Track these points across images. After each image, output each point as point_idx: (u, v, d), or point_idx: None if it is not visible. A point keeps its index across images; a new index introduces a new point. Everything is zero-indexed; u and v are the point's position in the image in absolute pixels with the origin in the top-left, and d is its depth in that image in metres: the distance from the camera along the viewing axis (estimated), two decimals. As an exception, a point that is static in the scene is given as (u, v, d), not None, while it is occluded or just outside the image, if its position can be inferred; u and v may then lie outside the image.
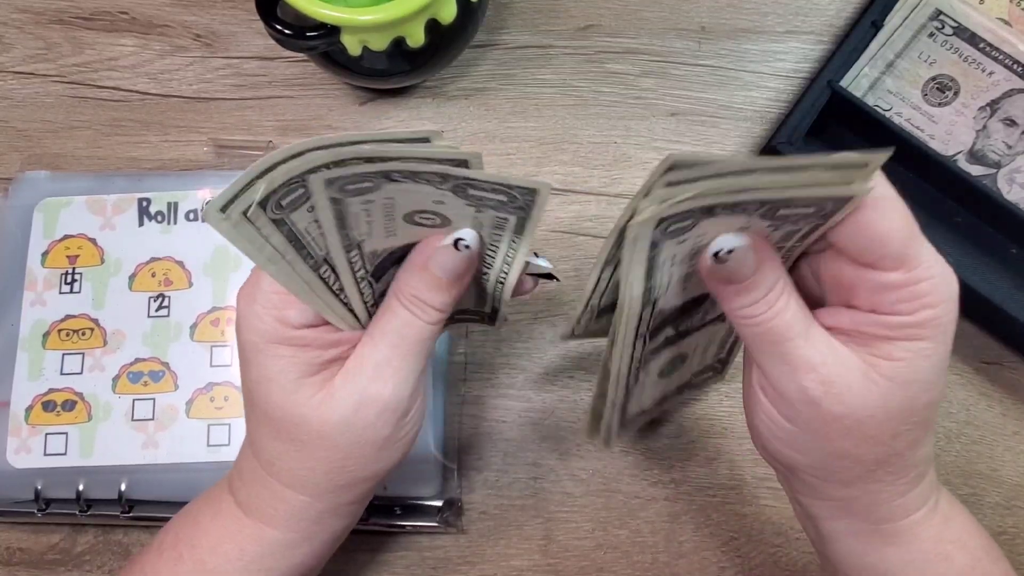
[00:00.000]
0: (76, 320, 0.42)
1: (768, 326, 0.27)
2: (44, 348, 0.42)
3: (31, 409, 0.41)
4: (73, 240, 0.43)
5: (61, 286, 0.42)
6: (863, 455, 0.28)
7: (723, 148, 0.46)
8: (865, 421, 0.27)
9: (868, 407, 0.27)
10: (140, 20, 0.47)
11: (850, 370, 0.27)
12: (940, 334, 0.27)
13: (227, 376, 0.41)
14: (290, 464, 0.30)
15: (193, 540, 0.32)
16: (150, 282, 0.42)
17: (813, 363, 0.27)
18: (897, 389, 0.27)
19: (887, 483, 0.29)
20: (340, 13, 0.37)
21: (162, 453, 0.40)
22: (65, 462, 0.40)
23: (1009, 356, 0.44)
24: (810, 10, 0.47)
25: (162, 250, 0.43)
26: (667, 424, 0.43)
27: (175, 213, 0.43)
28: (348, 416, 0.29)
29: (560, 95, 0.47)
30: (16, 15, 0.47)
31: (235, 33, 0.47)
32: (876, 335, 0.27)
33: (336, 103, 0.47)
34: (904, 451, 0.28)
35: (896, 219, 0.26)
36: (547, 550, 0.41)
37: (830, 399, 0.27)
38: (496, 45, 0.47)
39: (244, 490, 0.31)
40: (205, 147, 0.46)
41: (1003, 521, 0.42)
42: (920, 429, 0.28)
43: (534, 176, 0.26)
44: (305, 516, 0.31)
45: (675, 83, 0.47)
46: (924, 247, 0.26)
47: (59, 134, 0.46)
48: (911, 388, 0.27)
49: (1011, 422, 0.43)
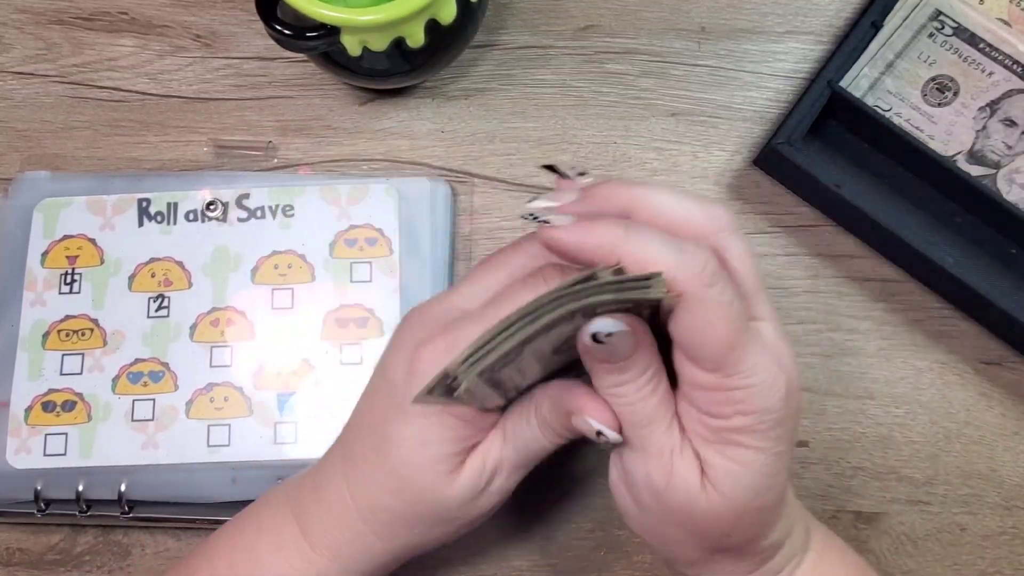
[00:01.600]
0: (76, 320, 0.42)
1: (633, 408, 0.27)
2: (44, 348, 0.42)
3: (31, 409, 0.41)
4: (73, 240, 0.43)
5: (61, 286, 0.42)
6: (701, 544, 0.29)
7: (723, 148, 0.46)
8: (697, 519, 0.28)
9: (698, 508, 0.27)
10: (140, 20, 0.47)
11: (691, 469, 0.27)
12: (760, 441, 0.27)
13: (227, 376, 0.41)
14: (394, 521, 0.31)
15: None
16: (150, 282, 0.42)
17: (663, 453, 0.27)
18: (720, 498, 0.27)
19: (729, 565, 0.30)
20: (340, 13, 0.37)
21: (162, 453, 0.40)
22: (65, 462, 0.40)
23: (1009, 356, 0.44)
24: (810, 10, 0.47)
25: (162, 250, 0.43)
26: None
27: (175, 213, 0.43)
28: (467, 498, 0.30)
29: (560, 95, 0.47)
30: (16, 15, 0.47)
31: (235, 33, 0.47)
32: (699, 434, 0.27)
33: (336, 103, 0.47)
34: (742, 545, 0.29)
35: (715, 324, 0.25)
36: (547, 550, 0.41)
37: (669, 492, 0.27)
38: (496, 45, 0.47)
39: (321, 524, 0.32)
40: (205, 147, 0.46)
41: (1003, 521, 0.42)
42: (756, 528, 0.29)
43: (645, 283, 0.25)
44: (382, 561, 0.32)
45: (675, 83, 0.47)
46: (750, 353, 0.26)
47: (59, 134, 0.46)
48: (735, 497, 0.27)
49: (1011, 422, 0.43)
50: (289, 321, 0.42)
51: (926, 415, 0.43)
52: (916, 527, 0.43)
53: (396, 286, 0.42)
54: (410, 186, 0.44)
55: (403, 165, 0.46)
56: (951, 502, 0.43)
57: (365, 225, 0.43)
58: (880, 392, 0.44)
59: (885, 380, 0.44)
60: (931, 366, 0.44)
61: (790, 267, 0.45)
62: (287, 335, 0.42)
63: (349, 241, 0.43)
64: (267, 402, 0.41)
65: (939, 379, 0.44)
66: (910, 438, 0.43)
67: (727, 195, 0.45)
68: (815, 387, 0.44)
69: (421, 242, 0.43)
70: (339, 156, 0.46)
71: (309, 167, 0.46)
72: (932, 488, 0.43)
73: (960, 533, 0.42)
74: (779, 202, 0.45)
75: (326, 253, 0.43)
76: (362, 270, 0.42)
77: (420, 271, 0.43)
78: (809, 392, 0.44)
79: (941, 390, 0.44)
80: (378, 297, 0.42)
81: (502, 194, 0.45)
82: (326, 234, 0.43)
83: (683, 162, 0.46)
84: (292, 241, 0.43)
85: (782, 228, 0.45)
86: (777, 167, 0.45)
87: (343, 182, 0.44)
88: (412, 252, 0.43)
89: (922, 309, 0.44)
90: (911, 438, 0.43)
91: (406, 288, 0.42)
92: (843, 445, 0.43)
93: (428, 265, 0.43)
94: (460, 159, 0.46)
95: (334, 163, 0.46)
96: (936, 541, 0.42)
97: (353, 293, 0.42)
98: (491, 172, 0.46)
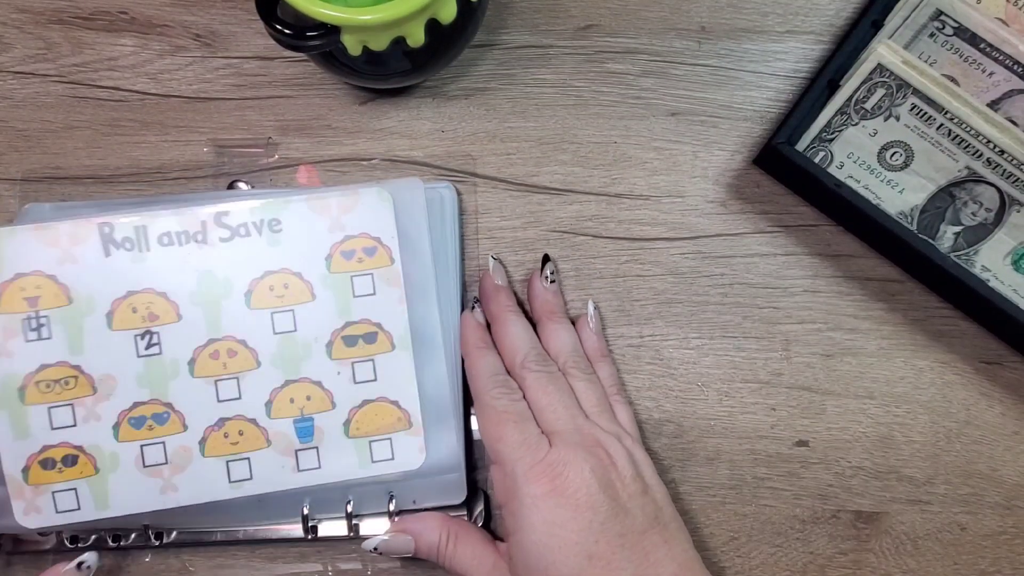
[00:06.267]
0: (54, 369, 0.38)
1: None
2: (24, 403, 0.38)
3: (28, 470, 0.38)
4: (28, 279, 0.38)
5: (26, 333, 0.38)
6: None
7: (723, 148, 0.46)
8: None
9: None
10: (140, 20, 0.47)
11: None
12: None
13: (237, 409, 0.39)
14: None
15: None
16: (132, 318, 0.39)
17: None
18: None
19: None
20: (340, 13, 0.37)
21: (183, 496, 0.39)
22: (80, 517, 0.38)
23: (1009, 356, 0.44)
24: (810, 10, 0.47)
25: (138, 282, 0.39)
26: (667, 424, 0.44)
27: (145, 238, 0.39)
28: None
29: (560, 95, 0.47)
30: (15, 15, 0.47)
31: (235, 33, 0.47)
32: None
33: (336, 103, 0.47)
34: None
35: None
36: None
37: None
38: (496, 45, 0.47)
39: None
40: (205, 147, 0.46)
41: (1003, 521, 0.42)
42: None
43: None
44: None
45: (675, 83, 0.47)
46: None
47: (58, 134, 0.46)
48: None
49: (1011, 422, 0.43)
50: (294, 344, 0.40)
51: (926, 415, 0.43)
52: (916, 526, 0.43)
53: (401, 295, 0.41)
54: (402, 188, 0.42)
55: (403, 165, 0.46)
56: (951, 501, 0.43)
57: (361, 235, 0.41)
58: (880, 392, 0.44)
59: (885, 380, 0.44)
60: (931, 366, 0.44)
61: (790, 267, 0.45)
62: (294, 359, 0.40)
63: (346, 253, 0.41)
64: (284, 430, 0.40)
65: (939, 379, 0.44)
66: (910, 438, 0.43)
67: (727, 194, 0.45)
68: (815, 387, 0.44)
69: (421, 246, 0.42)
70: (339, 156, 0.46)
71: (311, 165, 0.46)
72: (932, 488, 0.43)
73: (960, 532, 0.42)
74: (779, 202, 0.45)
75: (323, 268, 0.40)
76: (364, 283, 0.41)
77: (424, 277, 0.42)
78: (809, 392, 0.44)
79: (941, 390, 0.44)
80: (384, 310, 0.41)
81: (502, 193, 0.45)
82: (320, 248, 0.40)
83: (683, 161, 0.46)
84: (285, 259, 0.40)
85: (782, 228, 0.45)
86: (777, 167, 0.45)
87: (332, 192, 0.41)
88: (413, 258, 0.41)
89: (922, 309, 0.44)
90: (911, 438, 0.43)
91: (412, 297, 0.41)
92: (843, 445, 0.43)
93: (431, 270, 0.42)
94: (460, 159, 0.46)
95: (334, 163, 0.46)
96: (936, 540, 0.42)
97: (358, 308, 0.40)
98: (491, 172, 0.46)
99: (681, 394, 0.44)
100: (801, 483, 0.43)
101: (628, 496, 0.37)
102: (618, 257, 0.45)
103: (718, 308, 0.44)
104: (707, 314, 0.44)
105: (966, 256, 0.43)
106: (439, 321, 0.42)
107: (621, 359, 0.44)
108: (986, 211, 0.42)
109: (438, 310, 0.42)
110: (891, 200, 0.43)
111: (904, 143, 0.42)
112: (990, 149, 0.41)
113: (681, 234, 0.45)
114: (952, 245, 0.43)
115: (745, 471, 0.43)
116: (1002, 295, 0.41)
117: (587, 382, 0.41)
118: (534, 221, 0.45)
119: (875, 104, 0.42)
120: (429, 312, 0.41)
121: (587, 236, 0.45)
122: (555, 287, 0.43)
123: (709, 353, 0.44)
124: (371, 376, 0.40)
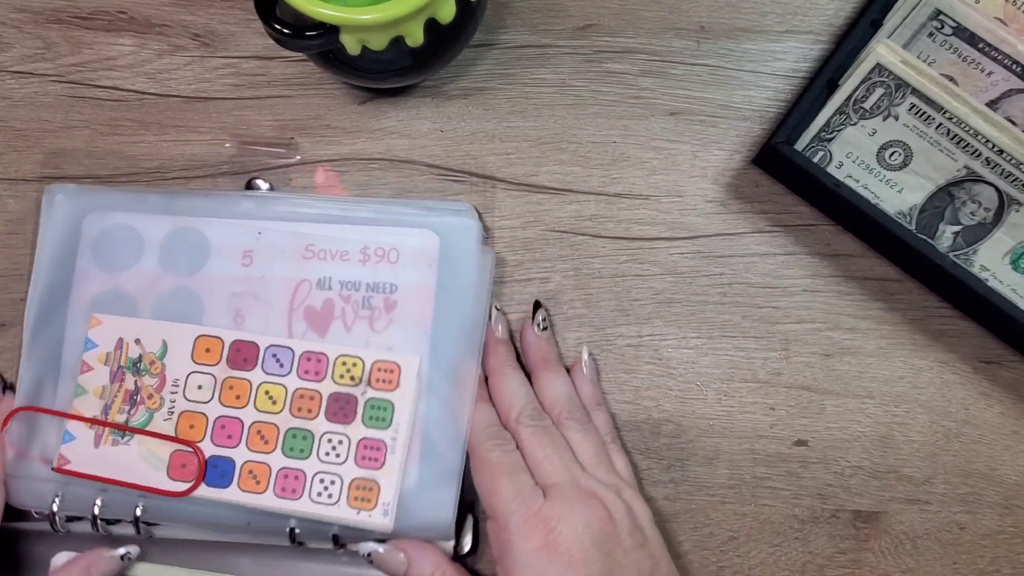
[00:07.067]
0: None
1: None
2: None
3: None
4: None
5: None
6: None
7: (722, 147, 0.46)
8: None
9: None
10: (138, 20, 0.47)
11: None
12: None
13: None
14: None
15: None
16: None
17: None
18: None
19: None
20: (339, 12, 0.37)
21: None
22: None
23: (1008, 355, 0.44)
24: (809, 9, 0.47)
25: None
26: (666, 424, 0.44)
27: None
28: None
29: (559, 94, 0.47)
30: (14, 15, 0.47)
31: (234, 33, 0.47)
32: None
33: (335, 103, 0.47)
34: None
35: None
36: None
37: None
38: (495, 45, 0.47)
39: None
40: (227, 143, 0.45)
41: (1003, 521, 0.42)
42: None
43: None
44: None
45: (674, 82, 0.47)
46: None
47: (57, 134, 0.46)
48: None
49: (1010, 421, 0.43)
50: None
51: (925, 414, 0.43)
52: (915, 526, 0.43)
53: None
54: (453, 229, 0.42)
55: (403, 164, 0.46)
56: (950, 501, 0.43)
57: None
58: (879, 391, 0.44)
59: (884, 379, 0.44)
60: (930, 365, 0.44)
61: (789, 266, 0.45)
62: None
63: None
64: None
65: (938, 378, 0.44)
66: (909, 437, 0.43)
67: (726, 194, 0.45)
68: (814, 386, 0.44)
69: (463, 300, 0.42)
70: (338, 155, 0.46)
71: (328, 165, 0.45)
72: (931, 487, 0.43)
73: (959, 532, 0.43)
74: (778, 201, 0.45)
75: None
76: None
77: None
78: (808, 391, 0.44)
79: (940, 389, 0.44)
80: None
81: (501, 193, 0.45)
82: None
83: (682, 161, 0.46)
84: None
85: (781, 227, 0.45)
86: (776, 166, 0.45)
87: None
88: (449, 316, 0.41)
89: (921, 308, 0.44)
90: (910, 437, 0.43)
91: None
92: (842, 444, 0.43)
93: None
94: (459, 158, 0.46)
95: (333, 162, 0.46)
96: (935, 540, 0.42)
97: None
98: (490, 171, 0.46)
99: (680, 394, 0.44)
100: (800, 483, 0.43)
101: (623, 552, 0.37)
102: (617, 257, 0.45)
103: (717, 308, 0.44)
104: (706, 314, 0.44)
105: (965, 256, 0.43)
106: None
107: (620, 359, 0.44)
108: (985, 211, 0.42)
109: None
110: (890, 200, 0.43)
111: (903, 143, 0.42)
112: (989, 149, 0.41)
113: (680, 234, 0.45)
114: (951, 245, 0.43)
115: (744, 471, 0.43)
116: (1001, 294, 0.41)
117: (583, 433, 0.40)
118: (533, 221, 0.45)
119: (874, 104, 0.42)
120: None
121: (586, 236, 0.45)
122: (548, 334, 0.43)
123: (708, 353, 0.44)
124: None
